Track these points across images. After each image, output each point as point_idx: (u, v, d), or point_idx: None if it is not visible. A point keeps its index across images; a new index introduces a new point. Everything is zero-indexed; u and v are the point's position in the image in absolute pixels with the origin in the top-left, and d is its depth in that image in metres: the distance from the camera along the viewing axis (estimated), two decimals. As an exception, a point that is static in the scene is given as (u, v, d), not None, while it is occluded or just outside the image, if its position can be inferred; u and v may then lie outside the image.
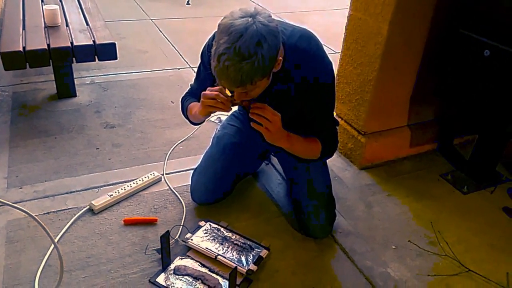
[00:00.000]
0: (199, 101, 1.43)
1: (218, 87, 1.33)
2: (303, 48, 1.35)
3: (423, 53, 2.03)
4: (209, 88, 1.37)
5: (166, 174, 1.97)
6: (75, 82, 2.60)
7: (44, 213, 1.68)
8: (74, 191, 1.83)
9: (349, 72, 2.11)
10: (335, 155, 2.26)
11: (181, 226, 1.66)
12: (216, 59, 1.15)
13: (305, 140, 1.50)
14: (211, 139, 1.85)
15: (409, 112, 2.20)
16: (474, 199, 2.04)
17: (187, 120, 1.68)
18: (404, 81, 2.09)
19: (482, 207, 1.99)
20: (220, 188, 1.78)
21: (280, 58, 1.28)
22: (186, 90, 1.72)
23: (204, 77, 1.55)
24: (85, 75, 2.87)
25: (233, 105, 1.35)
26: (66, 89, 2.55)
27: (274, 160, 2.09)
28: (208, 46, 1.48)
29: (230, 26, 1.13)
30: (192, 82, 1.70)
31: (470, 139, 2.45)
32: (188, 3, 4.75)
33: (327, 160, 1.80)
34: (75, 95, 2.58)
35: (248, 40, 1.11)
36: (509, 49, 1.67)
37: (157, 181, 1.91)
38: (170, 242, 1.50)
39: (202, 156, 1.83)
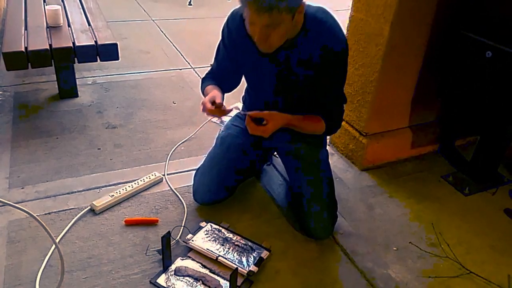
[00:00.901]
0: (217, 83, 1.61)
1: (207, 103, 1.47)
2: (321, 18, 1.44)
3: (424, 54, 2.03)
4: (203, 102, 1.49)
5: (167, 174, 1.98)
6: (77, 82, 2.60)
7: (46, 214, 1.69)
8: (75, 192, 1.83)
9: (351, 73, 2.11)
10: (336, 156, 2.27)
11: (182, 227, 1.67)
12: None
13: (307, 120, 1.58)
14: (215, 139, 1.85)
15: (410, 113, 2.20)
16: (476, 200, 2.04)
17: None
18: (405, 82, 2.09)
19: (484, 209, 1.98)
20: (223, 188, 1.78)
21: (302, 10, 1.33)
22: (208, 70, 1.76)
23: (223, 56, 1.63)
24: (87, 75, 2.88)
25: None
26: (68, 90, 2.55)
27: (276, 161, 2.09)
28: (227, 21, 1.56)
29: None
30: (213, 61, 1.74)
31: (471, 141, 2.45)
32: (190, 4, 4.76)
33: (330, 161, 1.81)
34: (77, 96, 2.59)
35: None
36: (511, 50, 1.67)
37: (158, 182, 1.91)
38: (171, 243, 1.50)
39: (203, 156, 1.83)
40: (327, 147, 1.86)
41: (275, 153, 2.04)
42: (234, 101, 2.64)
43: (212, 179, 1.74)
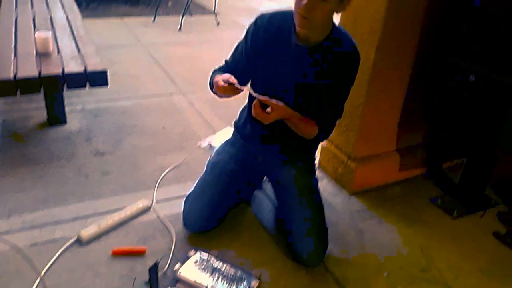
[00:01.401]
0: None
1: (220, 80, 1.51)
2: (345, 32, 1.58)
3: (409, 78, 2.07)
4: (215, 80, 1.54)
5: (155, 202, 1.96)
6: (66, 109, 2.60)
7: (31, 245, 1.66)
8: (62, 221, 1.81)
9: (338, 98, 2.13)
10: (325, 180, 2.27)
11: (170, 256, 1.65)
12: None
13: (305, 121, 1.61)
14: (205, 165, 1.85)
15: (397, 136, 2.23)
16: (464, 223, 2.05)
17: (212, 93, 1.72)
18: (392, 106, 2.12)
19: (472, 232, 1.99)
20: (215, 215, 1.76)
21: (348, 4, 1.43)
22: (219, 65, 1.76)
23: (241, 51, 1.66)
24: (76, 101, 2.88)
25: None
26: (56, 116, 2.55)
27: (266, 186, 2.09)
28: (256, 20, 1.61)
29: None
30: (228, 58, 1.75)
31: (459, 163, 2.47)
32: (180, 29, 4.81)
33: (319, 185, 1.82)
34: (65, 122, 2.58)
35: None
36: (493, 74, 1.71)
37: (146, 210, 1.90)
38: (159, 273, 1.48)
39: (193, 183, 1.82)
40: (317, 171, 1.87)
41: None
42: (225, 124, 2.66)
43: (204, 206, 1.72)
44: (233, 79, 1.50)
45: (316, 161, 2.37)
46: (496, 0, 1.68)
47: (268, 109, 1.48)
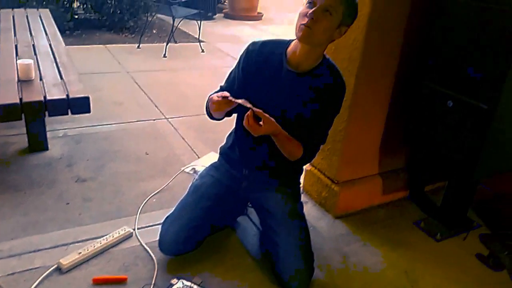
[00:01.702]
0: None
1: (215, 96, 1.54)
2: (333, 63, 1.64)
3: (389, 103, 2.11)
4: (216, 95, 1.55)
5: (138, 229, 1.93)
6: (48, 135, 2.57)
7: (8, 274, 1.61)
8: (42, 249, 1.76)
9: (321, 122, 2.16)
10: (310, 204, 2.27)
11: (152, 285, 1.61)
12: None
13: (292, 141, 1.62)
14: (188, 188, 1.83)
15: (379, 160, 2.25)
16: (448, 246, 2.06)
17: (209, 117, 1.76)
18: (373, 131, 2.16)
19: (456, 255, 2.00)
20: (192, 238, 1.73)
21: (345, 30, 1.51)
22: (215, 90, 1.76)
23: (234, 76, 1.70)
24: (58, 127, 2.85)
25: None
26: (37, 143, 2.52)
27: (251, 211, 2.08)
28: (248, 47, 1.66)
29: None
30: (223, 83, 1.77)
31: (441, 186, 2.50)
32: (164, 56, 4.86)
33: (304, 209, 1.82)
34: (47, 149, 2.55)
35: None
36: (470, 100, 1.75)
37: (128, 237, 1.86)
38: (141, 302, 1.45)
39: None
40: (301, 195, 1.87)
41: (250, 204, 2.04)
42: (209, 149, 2.66)
43: (181, 228, 1.69)
44: (227, 94, 1.52)
45: (301, 185, 2.39)
46: (466, 27, 1.75)
47: (261, 122, 1.50)
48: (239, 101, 1.49)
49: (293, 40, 1.57)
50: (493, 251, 2.01)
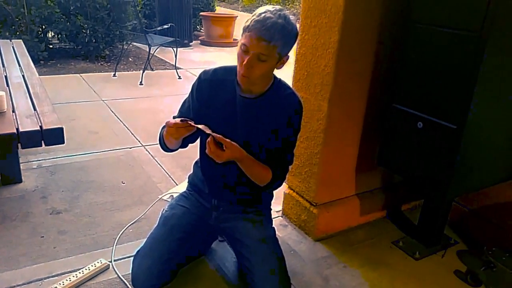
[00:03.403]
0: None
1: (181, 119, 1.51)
2: (285, 84, 1.66)
3: (362, 126, 2.15)
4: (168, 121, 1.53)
5: (114, 261, 1.89)
6: (22, 166, 2.52)
7: (-22, 315, 1.55)
8: (15, 286, 1.70)
9: (297, 146, 2.16)
10: (290, 228, 2.27)
11: (130, 318, 1.57)
12: (257, 14, 1.42)
13: (258, 165, 1.63)
14: (158, 219, 1.81)
15: (356, 181, 2.28)
16: (427, 264, 2.08)
17: (162, 149, 1.76)
18: (348, 153, 2.19)
19: (435, 272, 2.02)
20: (165, 272, 1.68)
21: (285, 61, 1.53)
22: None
23: (188, 106, 1.70)
24: (32, 159, 2.80)
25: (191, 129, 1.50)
26: (10, 176, 2.46)
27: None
28: (200, 76, 1.67)
29: (269, 7, 1.45)
30: (176, 114, 1.75)
31: (417, 205, 2.54)
32: (141, 83, 4.86)
33: (280, 233, 1.81)
34: (20, 181, 2.49)
35: (287, 14, 1.45)
36: (439, 121, 1.80)
37: (104, 269, 1.82)
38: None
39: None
40: (281, 218, 1.87)
41: (220, 238, 2.02)
42: (186, 176, 2.64)
43: (154, 261, 1.65)
44: (186, 118, 1.52)
45: (280, 208, 2.40)
46: (433, 51, 1.82)
47: (224, 148, 1.50)
48: (200, 126, 1.48)
49: None
50: (471, 268, 2.04)
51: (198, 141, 1.73)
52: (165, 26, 5.34)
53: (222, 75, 1.63)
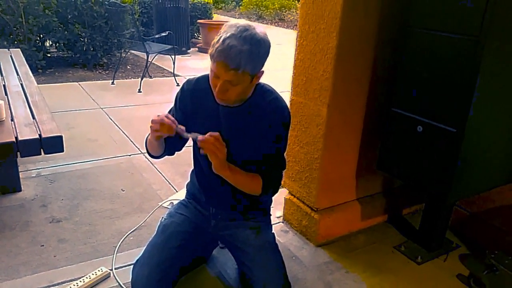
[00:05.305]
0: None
1: (164, 114, 1.49)
2: (268, 89, 1.62)
3: (362, 131, 2.15)
4: (156, 114, 1.50)
5: (115, 269, 1.88)
6: (21, 175, 2.51)
7: (-22, 325, 1.53)
8: (14, 296, 1.69)
9: (296, 151, 2.18)
10: (291, 233, 2.26)
11: (132, 326, 1.56)
12: (221, 42, 1.35)
13: (246, 174, 1.61)
14: (157, 227, 1.80)
15: (356, 186, 2.28)
16: (429, 268, 2.07)
17: (149, 156, 1.74)
18: (348, 158, 2.19)
19: (437, 277, 2.01)
20: (164, 280, 1.64)
21: (260, 76, 1.49)
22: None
23: (172, 116, 1.64)
24: (32, 167, 2.79)
25: (181, 135, 1.49)
26: (10, 185, 2.45)
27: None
28: (182, 86, 1.68)
29: (237, 24, 1.40)
30: None
31: (418, 209, 2.54)
32: (139, 91, 4.86)
33: (281, 239, 1.79)
34: (19, 190, 2.48)
35: (253, 34, 1.38)
36: (439, 125, 1.81)
37: (105, 278, 1.81)
38: None
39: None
40: (282, 224, 1.86)
41: (220, 245, 2.01)
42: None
43: (152, 270, 1.62)
44: (175, 121, 1.50)
45: (280, 214, 2.39)
46: (432, 55, 1.82)
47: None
48: (190, 135, 1.47)
49: None
50: (473, 271, 2.03)
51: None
52: (163, 34, 5.36)
53: (205, 83, 1.59)
